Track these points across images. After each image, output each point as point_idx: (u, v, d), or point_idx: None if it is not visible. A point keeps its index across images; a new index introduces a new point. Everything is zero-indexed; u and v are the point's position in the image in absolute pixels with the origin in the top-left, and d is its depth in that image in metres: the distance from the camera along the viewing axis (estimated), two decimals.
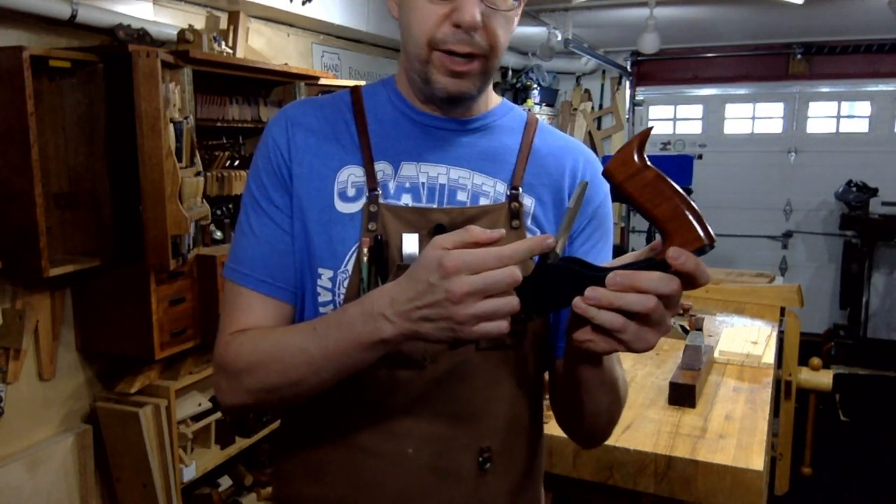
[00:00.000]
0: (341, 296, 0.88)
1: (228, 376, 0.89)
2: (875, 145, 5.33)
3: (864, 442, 3.80)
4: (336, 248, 0.89)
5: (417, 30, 0.86)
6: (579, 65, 5.80)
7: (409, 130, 0.93)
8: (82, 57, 2.07)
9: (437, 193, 0.92)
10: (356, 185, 0.90)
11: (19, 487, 2.14)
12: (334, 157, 0.91)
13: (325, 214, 0.90)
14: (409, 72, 0.92)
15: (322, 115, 0.94)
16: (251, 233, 0.92)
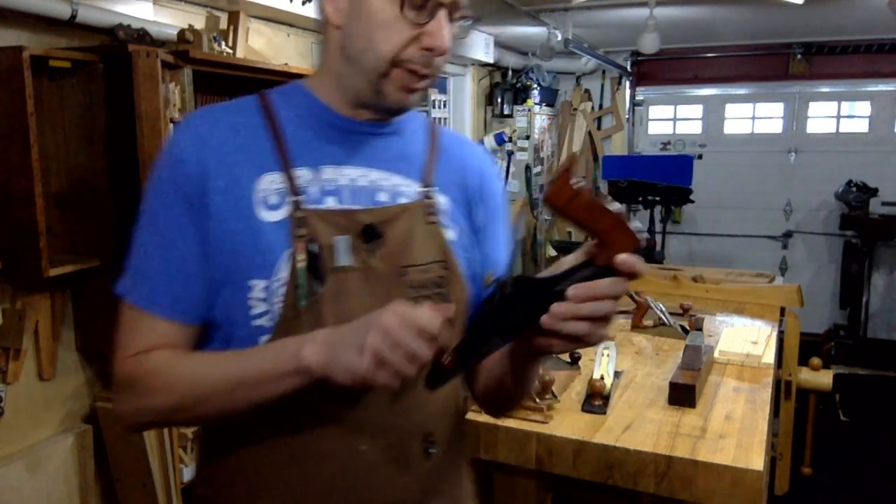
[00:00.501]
0: (278, 304, 0.87)
1: (137, 394, 0.88)
2: (875, 145, 5.33)
3: (864, 442, 3.80)
4: (266, 258, 0.87)
5: (384, 46, 0.86)
6: (579, 65, 5.80)
7: (328, 135, 0.93)
8: (82, 57, 2.07)
9: (360, 195, 0.93)
10: (278, 192, 0.89)
11: (19, 487, 2.14)
12: (251, 166, 0.89)
13: (249, 225, 0.87)
14: (346, 78, 0.91)
15: (233, 122, 0.91)
16: (149, 254, 0.89)
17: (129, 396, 0.89)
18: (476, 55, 4.70)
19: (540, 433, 1.56)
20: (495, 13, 4.05)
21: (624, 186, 4.97)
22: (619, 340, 2.15)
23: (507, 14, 4.04)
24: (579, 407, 1.68)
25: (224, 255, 0.87)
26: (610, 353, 1.83)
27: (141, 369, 0.87)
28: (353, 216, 0.91)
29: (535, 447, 1.56)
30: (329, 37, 0.91)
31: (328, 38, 0.92)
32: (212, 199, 0.87)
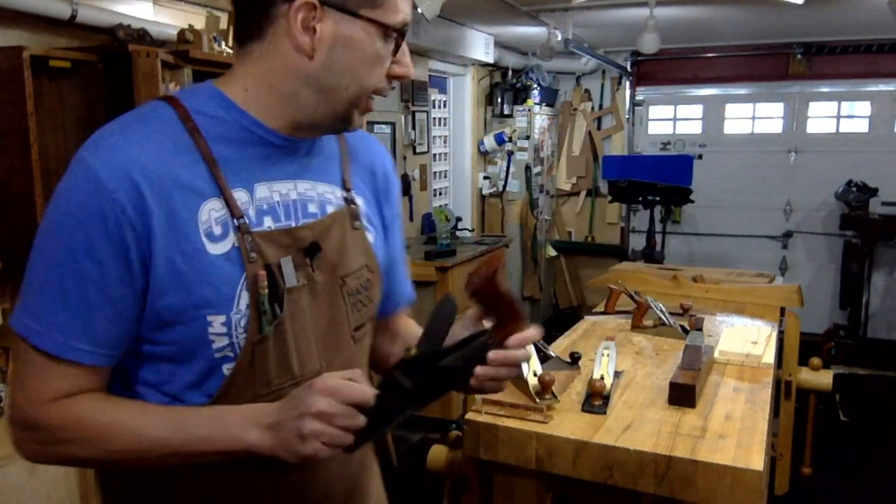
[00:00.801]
0: (241, 337, 0.86)
1: (42, 439, 0.85)
2: (875, 145, 5.33)
3: (864, 442, 3.80)
4: (221, 292, 0.84)
5: (369, 80, 0.88)
6: (579, 65, 5.80)
7: (256, 151, 0.89)
8: (82, 57, 2.08)
9: (292, 210, 0.92)
10: (220, 221, 0.85)
11: (19, 487, 2.14)
12: (190, 195, 0.83)
13: (198, 260, 0.83)
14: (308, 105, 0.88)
15: (156, 145, 0.83)
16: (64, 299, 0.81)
17: (44, 442, 0.85)
18: (476, 55, 4.70)
19: (540, 433, 1.56)
20: (495, 13, 4.05)
21: (624, 186, 4.97)
22: (619, 340, 2.15)
23: (507, 14, 4.04)
24: (579, 407, 1.68)
25: (174, 295, 0.82)
26: (610, 353, 1.82)
27: (65, 419, 0.83)
28: (294, 234, 0.90)
29: (535, 447, 1.56)
30: (281, 62, 0.86)
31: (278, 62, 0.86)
32: (156, 240, 0.81)
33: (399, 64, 0.90)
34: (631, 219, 6.15)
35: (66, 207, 0.81)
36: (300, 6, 0.83)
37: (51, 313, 0.82)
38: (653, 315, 2.35)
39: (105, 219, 0.79)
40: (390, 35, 0.87)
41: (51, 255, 0.83)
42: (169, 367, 0.87)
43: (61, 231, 0.81)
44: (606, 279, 2.96)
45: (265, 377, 0.88)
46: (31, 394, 0.84)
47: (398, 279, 1.13)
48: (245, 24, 0.88)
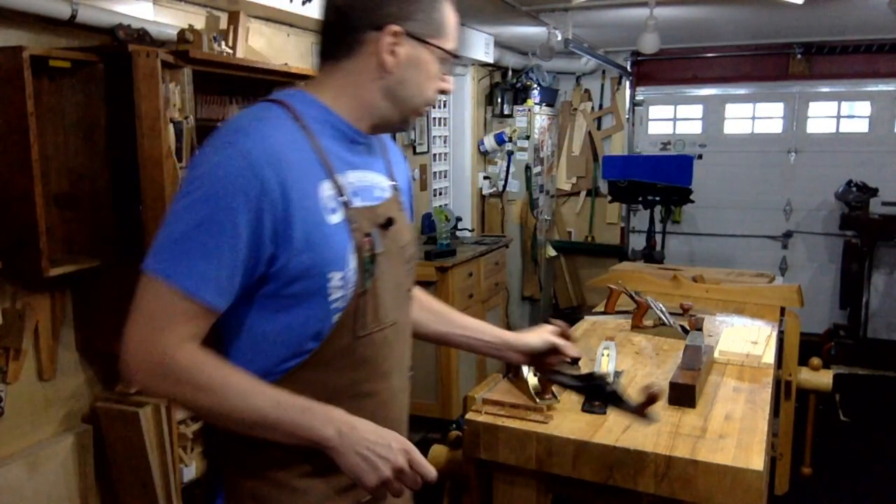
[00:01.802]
0: (349, 290, 1.08)
1: (165, 374, 1.00)
2: (875, 145, 5.33)
3: (864, 442, 3.80)
4: (339, 254, 1.07)
5: (430, 94, 1.15)
6: (579, 65, 5.80)
7: (346, 146, 1.13)
8: (82, 57, 2.08)
9: (367, 193, 1.15)
10: (331, 198, 1.08)
11: (19, 487, 2.14)
12: (312, 178, 1.06)
13: (324, 228, 1.05)
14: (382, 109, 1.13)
15: (288, 139, 1.05)
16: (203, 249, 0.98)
17: (165, 378, 1.00)
18: (476, 55, 4.70)
19: (540, 433, 1.56)
20: (495, 13, 4.05)
21: (624, 186, 4.97)
22: (619, 340, 2.15)
23: (507, 14, 4.04)
24: (579, 407, 1.68)
25: (306, 255, 1.03)
26: (610, 353, 1.82)
27: (191, 362, 1.00)
28: (375, 210, 1.14)
29: (535, 447, 1.56)
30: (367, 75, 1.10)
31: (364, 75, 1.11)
32: (294, 211, 1.02)
33: (445, 81, 1.16)
34: (631, 219, 6.15)
35: (218, 177, 0.99)
36: (388, 34, 1.08)
37: (190, 260, 0.98)
38: (653, 315, 2.35)
39: (249, 191, 0.99)
40: (447, 59, 1.14)
41: (197, 213, 0.99)
42: (287, 318, 1.06)
43: (210, 195, 0.99)
44: (606, 279, 2.96)
45: (363, 323, 1.11)
46: (163, 331, 0.99)
47: None
48: (335, 45, 1.13)
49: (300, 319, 1.06)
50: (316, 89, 1.13)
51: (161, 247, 1.00)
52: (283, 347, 1.07)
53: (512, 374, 1.80)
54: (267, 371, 1.07)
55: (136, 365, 1.01)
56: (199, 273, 0.98)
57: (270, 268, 1.03)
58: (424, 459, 1.06)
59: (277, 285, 1.04)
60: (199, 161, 1.04)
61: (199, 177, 1.00)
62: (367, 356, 1.13)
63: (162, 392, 1.04)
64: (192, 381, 1.00)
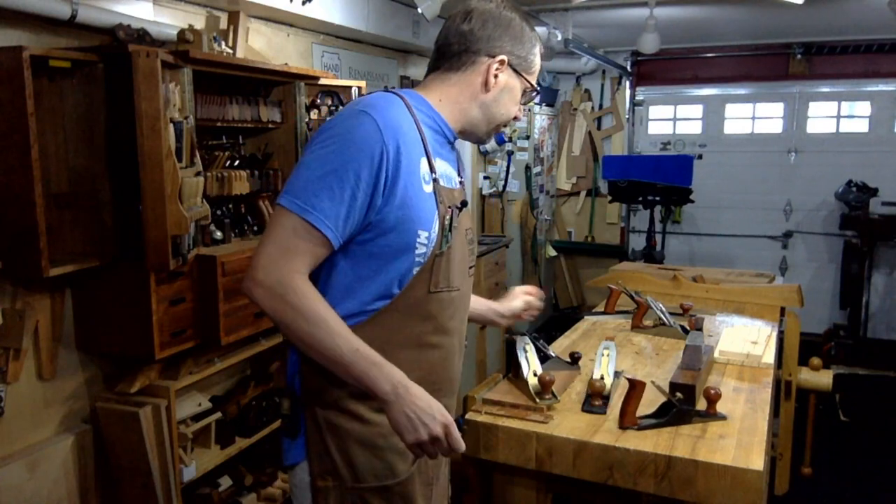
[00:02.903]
0: (432, 246, 1.31)
1: (281, 298, 1.19)
2: (875, 145, 5.33)
3: (864, 442, 3.80)
4: (429, 216, 1.30)
5: (508, 115, 1.43)
6: (579, 65, 5.80)
7: (439, 140, 1.39)
8: (82, 57, 2.07)
9: (449, 179, 1.39)
10: (427, 173, 1.32)
11: (19, 487, 2.14)
12: (417, 153, 1.30)
13: (420, 193, 1.29)
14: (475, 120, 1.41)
15: (405, 122, 1.29)
16: (332, 194, 1.20)
17: (284, 301, 1.19)
18: None
19: (540, 433, 1.56)
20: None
21: (624, 186, 4.97)
22: (619, 340, 2.15)
23: None
24: (579, 407, 1.68)
25: (403, 210, 1.26)
26: (610, 353, 1.82)
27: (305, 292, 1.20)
28: (453, 193, 1.38)
29: (535, 447, 1.56)
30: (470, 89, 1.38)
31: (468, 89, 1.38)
32: (401, 174, 1.25)
33: (520, 109, 1.45)
34: (631, 219, 6.15)
35: (353, 137, 1.23)
36: (497, 61, 1.37)
37: (320, 200, 1.21)
38: (653, 315, 2.35)
39: (374, 151, 1.23)
40: (530, 90, 1.44)
41: (330, 162, 1.22)
42: (379, 264, 1.28)
43: (343, 149, 1.22)
44: (606, 279, 2.96)
45: (436, 280, 1.32)
46: (288, 256, 1.20)
47: None
48: (450, 60, 1.38)
49: (390, 265, 1.28)
50: (425, 92, 1.39)
51: (295, 186, 1.22)
52: (373, 288, 1.29)
53: (512, 374, 1.81)
54: (358, 311, 1.29)
55: (261, 280, 1.20)
56: (325, 211, 1.20)
57: (376, 216, 1.24)
58: (460, 435, 1.22)
59: (376, 233, 1.26)
60: (334, 123, 1.27)
61: (335, 135, 1.24)
62: (435, 311, 1.34)
63: (271, 308, 1.20)
64: (299, 307, 1.19)
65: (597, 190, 6.18)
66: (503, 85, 1.39)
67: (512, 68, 1.39)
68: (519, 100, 1.43)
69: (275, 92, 2.86)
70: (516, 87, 1.41)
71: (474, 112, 1.40)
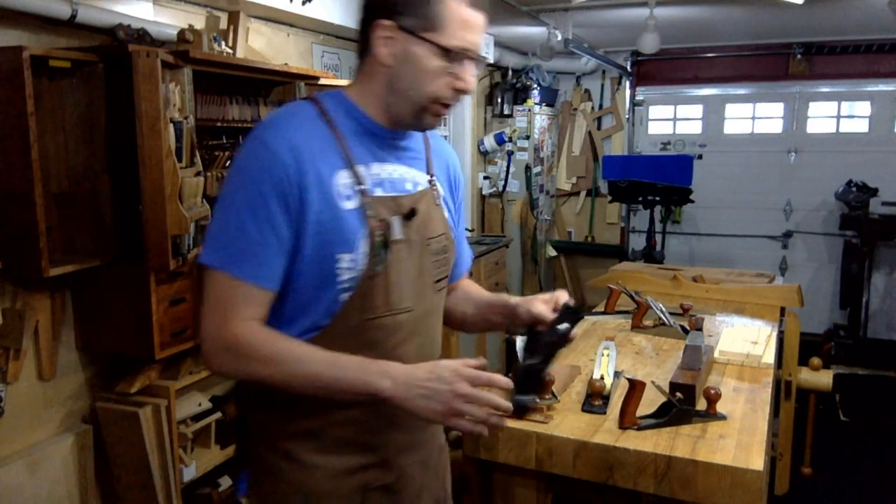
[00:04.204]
0: (359, 272, 1.14)
1: (236, 354, 1.10)
2: (875, 145, 5.33)
3: (864, 442, 3.80)
4: (350, 236, 1.13)
5: (427, 88, 1.13)
6: (579, 65, 5.80)
7: (371, 140, 1.19)
8: (82, 57, 2.07)
9: (394, 185, 1.21)
10: (348, 186, 1.14)
11: (19, 487, 2.14)
12: (330, 166, 1.13)
13: (335, 213, 1.12)
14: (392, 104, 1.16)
15: (309, 130, 1.13)
16: (247, 236, 1.09)
17: (236, 357, 1.10)
18: None
19: (540, 433, 1.56)
20: (495, 13, 4.05)
21: (624, 186, 4.97)
22: (619, 340, 2.15)
23: (507, 14, 4.04)
24: (579, 407, 1.68)
25: (318, 237, 1.11)
26: (610, 353, 1.82)
27: (254, 338, 1.09)
28: (398, 200, 1.19)
29: (535, 447, 1.56)
30: (375, 69, 1.15)
31: (374, 70, 1.16)
32: (308, 195, 1.09)
33: (460, 80, 1.14)
34: (631, 219, 6.15)
35: (247, 167, 1.11)
36: (378, 27, 1.12)
37: (239, 248, 1.09)
38: (653, 315, 2.35)
39: (273, 175, 1.08)
40: (449, 55, 1.11)
41: (237, 203, 1.10)
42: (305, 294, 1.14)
43: (244, 184, 1.10)
44: (606, 279, 2.96)
45: (372, 305, 1.15)
46: (227, 316, 1.09)
47: (462, 251, 1.44)
48: (360, 43, 1.18)
49: (314, 295, 1.14)
50: (349, 87, 1.22)
51: (213, 238, 1.12)
52: (302, 320, 1.15)
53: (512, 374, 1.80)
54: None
55: (211, 350, 1.12)
56: (249, 259, 1.09)
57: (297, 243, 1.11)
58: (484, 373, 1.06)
59: (298, 262, 1.12)
60: (234, 158, 1.16)
61: (236, 170, 1.13)
62: (377, 339, 1.17)
63: (234, 371, 1.12)
64: (257, 356, 1.09)
65: (597, 190, 6.18)
66: (402, 54, 1.11)
67: (405, 31, 1.11)
68: (437, 69, 1.11)
69: (275, 92, 2.86)
70: (421, 53, 1.11)
71: (386, 96, 1.16)
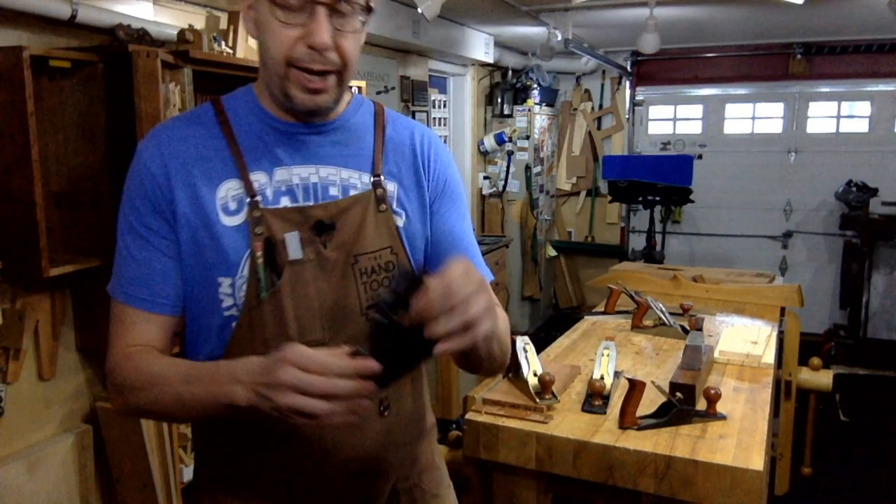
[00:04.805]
0: (241, 299, 0.96)
1: (117, 389, 0.99)
2: (875, 145, 5.33)
3: (864, 442, 3.80)
4: (230, 258, 0.96)
5: (275, 50, 0.92)
6: (579, 65, 5.80)
7: (275, 139, 1.00)
8: (82, 57, 2.07)
9: (312, 192, 1.00)
10: (236, 198, 0.97)
11: (19, 487, 2.14)
12: (211, 175, 0.97)
13: (212, 231, 0.96)
14: (269, 87, 0.97)
15: (191, 134, 0.99)
16: (130, 256, 0.99)
17: (120, 391, 0.99)
18: (476, 55, 4.70)
19: (540, 433, 1.56)
20: (495, 13, 4.05)
21: (624, 186, 4.97)
22: (619, 340, 2.15)
23: (507, 14, 4.04)
24: (579, 407, 1.68)
25: (193, 258, 0.97)
26: (610, 353, 1.82)
27: (129, 367, 0.97)
28: (306, 212, 0.99)
29: (535, 447, 1.56)
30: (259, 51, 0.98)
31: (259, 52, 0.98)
32: (178, 208, 0.96)
33: (309, 33, 0.91)
34: (631, 219, 6.15)
35: (127, 186, 0.99)
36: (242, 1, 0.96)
37: (123, 271, 1.00)
38: (653, 315, 2.35)
39: (144, 185, 0.96)
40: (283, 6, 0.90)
41: (121, 226, 1.00)
42: (196, 322, 1.00)
43: (124, 203, 0.99)
44: (606, 279, 2.96)
45: (262, 338, 0.96)
46: (113, 347, 0.99)
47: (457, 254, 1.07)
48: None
49: (205, 322, 0.99)
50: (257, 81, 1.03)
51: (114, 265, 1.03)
52: (202, 347, 1.00)
53: (512, 373, 1.81)
54: None
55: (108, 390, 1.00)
56: (132, 281, 0.99)
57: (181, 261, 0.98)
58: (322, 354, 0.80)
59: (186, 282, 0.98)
60: None
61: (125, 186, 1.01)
62: None
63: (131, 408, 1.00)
64: (128, 384, 0.97)
65: (597, 190, 6.18)
66: (259, 21, 0.94)
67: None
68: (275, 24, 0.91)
69: None
70: (265, 11, 0.92)
71: (264, 75, 0.98)
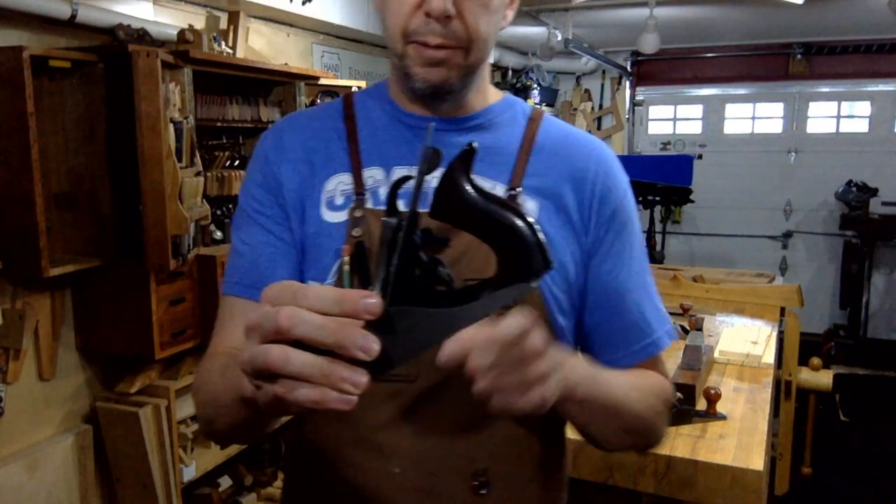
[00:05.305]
0: None
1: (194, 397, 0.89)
2: (875, 145, 5.33)
3: (864, 442, 3.80)
4: (322, 259, 0.86)
5: (391, 22, 0.83)
6: (579, 65, 5.80)
7: (400, 134, 0.90)
8: (82, 57, 2.07)
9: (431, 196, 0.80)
10: (344, 193, 0.88)
11: (19, 487, 2.14)
12: (323, 167, 0.89)
13: (313, 226, 0.87)
14: (394, 71, 0.89)
15: (312, 126, 0.93)
16: (240, 244, 0.90)
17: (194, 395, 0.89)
18: None
19: None
20: None
21: None
22: None
23: None
24: None
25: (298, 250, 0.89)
26: None
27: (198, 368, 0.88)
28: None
29: None
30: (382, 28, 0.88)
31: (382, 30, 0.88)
32: (287, 200, 0.88)
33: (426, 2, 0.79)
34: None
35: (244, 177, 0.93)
36: None
37: (231, 263, 0.90)
38: None
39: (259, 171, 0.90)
40: None
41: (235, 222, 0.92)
42: None
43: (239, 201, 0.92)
44: None
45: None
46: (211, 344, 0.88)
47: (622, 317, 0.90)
48: None
49: None
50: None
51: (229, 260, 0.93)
52: None
53: None
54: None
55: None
56: (237, 268, 0.88)
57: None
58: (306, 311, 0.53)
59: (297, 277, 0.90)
60: None
61: None
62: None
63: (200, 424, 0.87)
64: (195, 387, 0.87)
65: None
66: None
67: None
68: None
69: (275, 92, 2.86)
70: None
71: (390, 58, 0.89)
